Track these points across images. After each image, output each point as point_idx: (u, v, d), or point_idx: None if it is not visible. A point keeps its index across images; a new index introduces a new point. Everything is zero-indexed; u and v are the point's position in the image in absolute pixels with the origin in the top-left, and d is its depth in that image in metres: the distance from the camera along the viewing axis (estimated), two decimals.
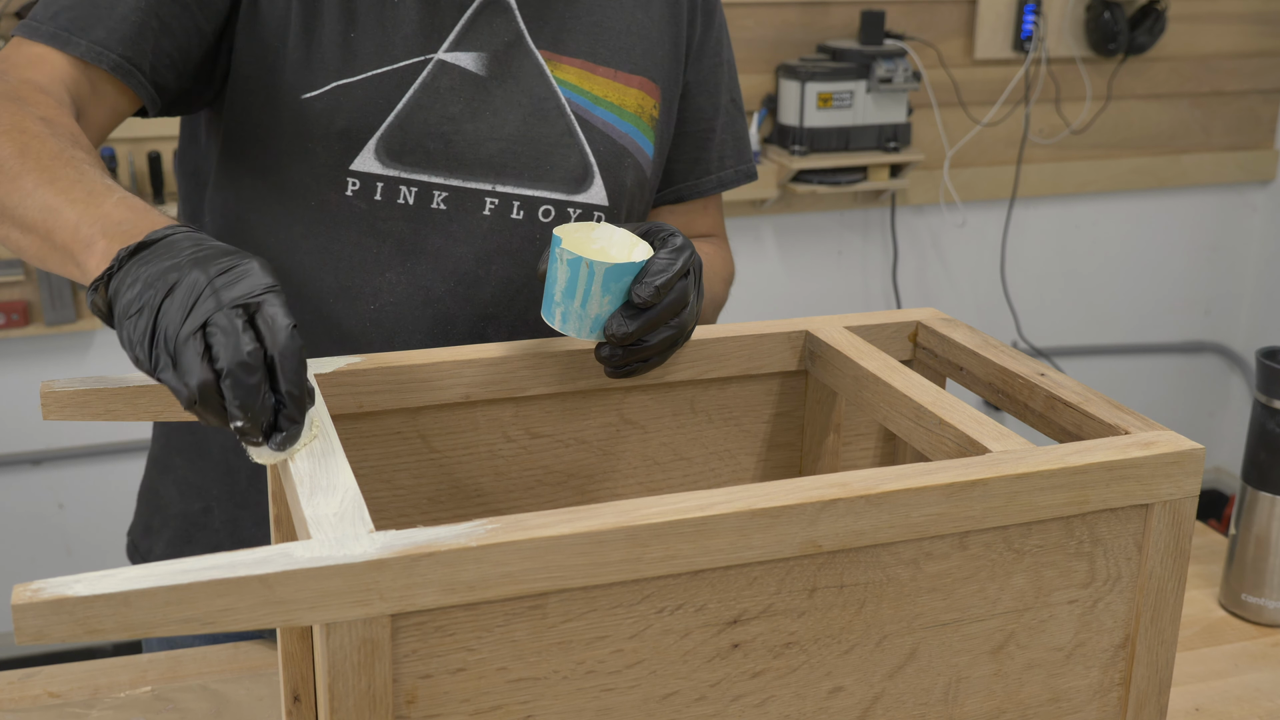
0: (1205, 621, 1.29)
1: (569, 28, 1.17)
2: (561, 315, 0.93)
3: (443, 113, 1.12)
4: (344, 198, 1.12)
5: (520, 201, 1.14)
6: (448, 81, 1.12)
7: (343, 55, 1.10)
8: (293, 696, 0.96)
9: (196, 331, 0.74)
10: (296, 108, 1.10)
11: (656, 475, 1.06)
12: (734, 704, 0.78)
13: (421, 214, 1.12)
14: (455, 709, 0.71)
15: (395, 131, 1.11)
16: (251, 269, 0.77)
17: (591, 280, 0.92)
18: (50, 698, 1.10)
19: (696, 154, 1.30)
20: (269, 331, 0.75)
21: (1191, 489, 0.84)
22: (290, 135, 1.11)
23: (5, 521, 2.73)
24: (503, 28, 1.15)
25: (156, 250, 0.80)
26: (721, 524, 0.73)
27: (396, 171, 1.11)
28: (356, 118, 1.10)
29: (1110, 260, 3.39)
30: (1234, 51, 3.30)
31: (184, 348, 0.74)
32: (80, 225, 0.86)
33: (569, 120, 1.16)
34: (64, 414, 0.90)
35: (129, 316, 0.77)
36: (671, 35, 1.24)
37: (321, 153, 1.11)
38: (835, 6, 2.95)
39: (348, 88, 1.10)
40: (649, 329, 0.95)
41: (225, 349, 0.73)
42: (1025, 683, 0.85)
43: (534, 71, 1.16)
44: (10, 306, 2.53)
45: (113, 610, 0.62)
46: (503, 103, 1.14)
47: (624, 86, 1.20)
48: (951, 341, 1.05)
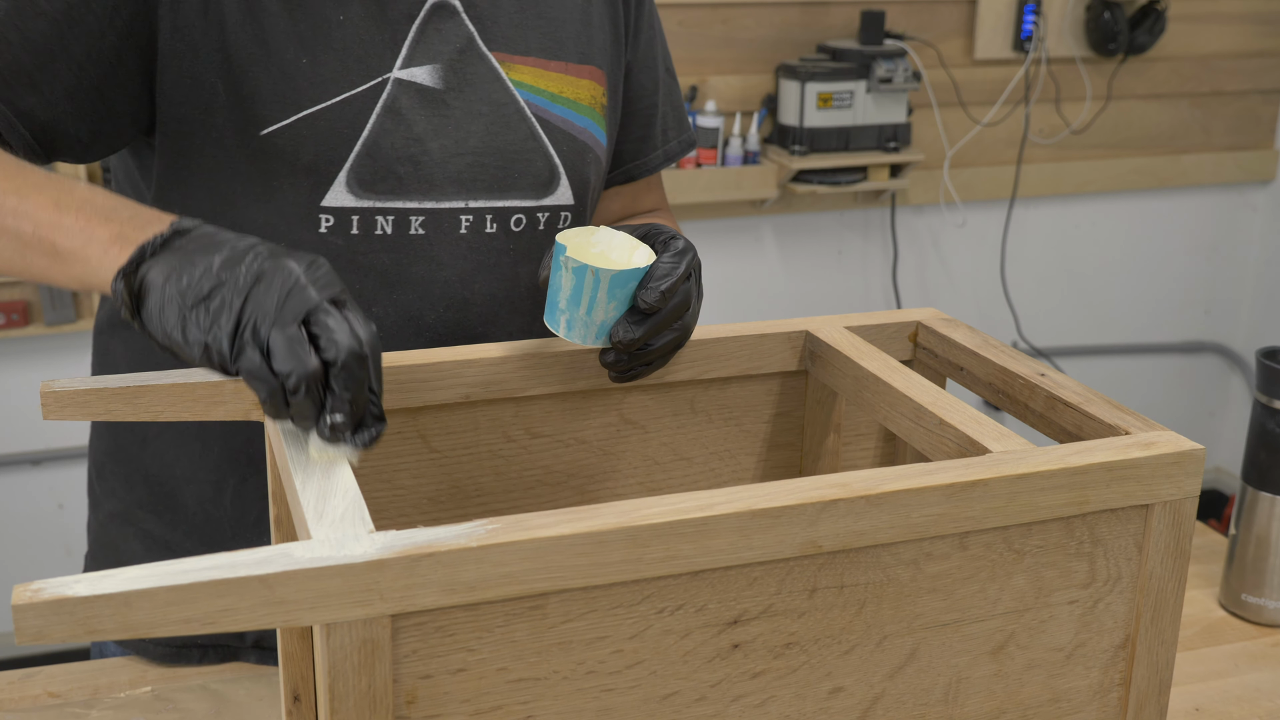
0: (1205, 621, 1.29)
1: (517, 24, 1.14)
2: (566, 323, 0.93)
3: (407, 134, 1.08)
4: (318, 235, 1.07)
5: (493, 214, 1.12)
6: (407, 100, 1.08)
7: (299, 84, 1.04)
8: (293, 696, 0.96)
9: (297, 322, 0.74)
10: (253, 145, 1.04)
11: (657, 475, 1.06)
12: (734, 704, 0.78)
13: (401, 242, 1.09)
14: (455, 709, 0.71)
15: (364, 161, 1.06)
16: (328, 267, 0.77)
17: (597, 287, 0.91)
18: (50, 698, 1.10)
19: (643, 132, 1.28)
20: (361, 329, 0.76)
21: (1192, 489, 0.84)
22: (248, 174, 1.05)
23: (5, 521, 2.73)
24: (452, 33, 1.10)
25: (198, 239, 0.78)
26: (722, 524, 0.73)
27: (371, 202, 1.07)
28: (322, 150, 1.05)
29: (1110, 260, 3.39)
30: (1234, 51, 3.30)
31: (288, 337, 0.74)
32: (55, 214, 0.83)
33: (530, 124, 1.13)
34: (64, 414, 0.90)
35: (198, 303, 0.75)
36: (611, 16, 1.21)
37: (288, 191, 1.06)
38: (835, 6, 2.95)
39: (310, 119, 1.04)
40: (654, 334, 0.95)
41: (336, 340, 0.74)
42: (1025, 683, 0.85)
43: (490, 77, 1.12)
44: (10, 306, 2.53)
45: (113, 610, 0.62)
46: (464, 115, 1.10)
47: (576, 79, 1.17)
48: (952, 342, 1.05)
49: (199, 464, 1.14)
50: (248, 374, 0.75)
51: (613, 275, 0.91)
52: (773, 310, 3.03)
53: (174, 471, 1.15)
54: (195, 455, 1.14)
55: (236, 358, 0.75)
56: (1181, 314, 3.50)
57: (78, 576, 0.63)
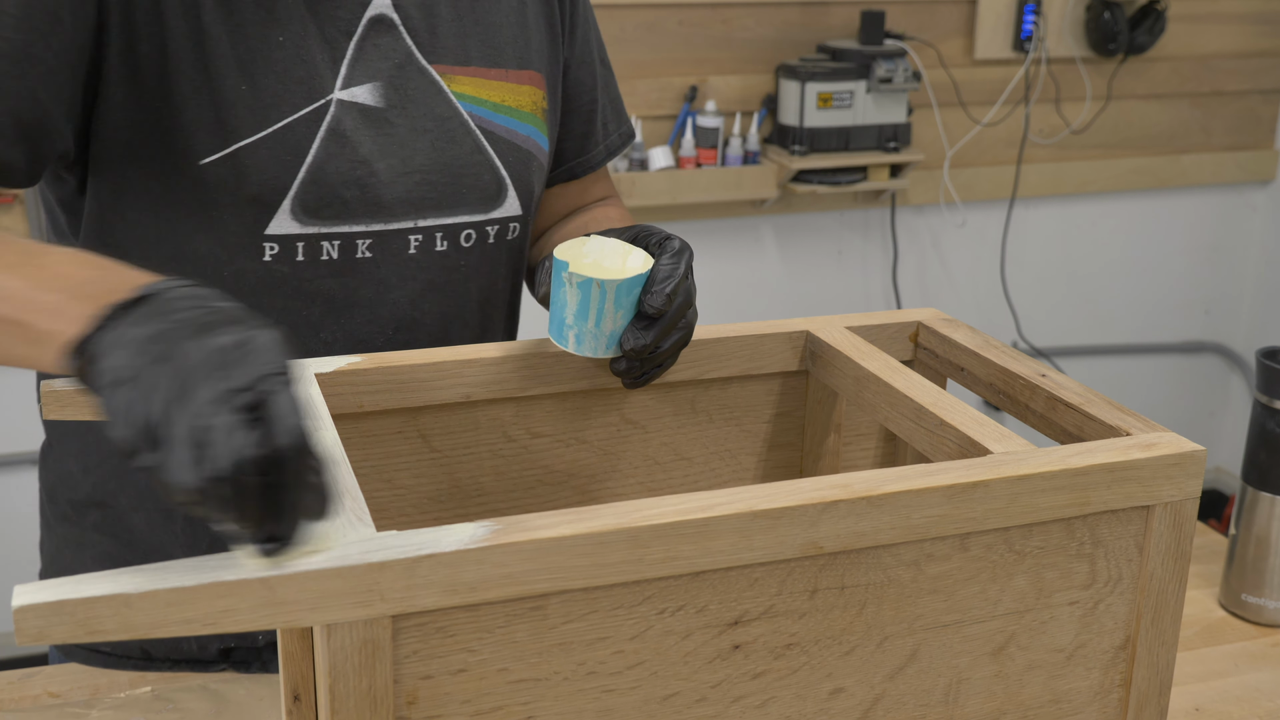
0: (1205, 621, 1.29)
1: (455, 34, 1.11)
2: (575, 337, 0.92)
3: (352, 157, 1.05)
4: (262, 264, 1.04)
5: (442, 232, 1.10)
6: (350, 122, 1.05)
7: (240, 112, 1.01)
8: (293, 696, 0.96)
9: (190, 421, 0.62)
10: (194, 174, 1.01)
11: (657, 475, 1.06)
12: (735, 705, 0.77)
13: (347, 266, 1.06)
14: (456, 710, 0.71)
15: (309, 187, 1.03)
16: (259, 346, 0.65)
17: (604, 298, 0.91)
18: (50, 698, 1.10)
19: (585, 129, 1.27)
20: (273, 428, 0.63)
21: (1193, 491, 0.84)
22: (190, 204, 1.02)
23: (5, 521, 2.73)
24: (390, 48, 1.08)
25: (149, 308, 0.68)
26: (723, 525, 0.73)
27: (316, 228, 1.04)
28: (266, 179, 1.02)
29: (1110, 260, 3.39)
30: (1234, 51, 3.30)
31: (173, 441, 0.62)
32: (32, 293, 0.73)
33: (475, 137, 1.12)
34: (64, 413, 0.90)
35: (109, 386, 0.65)
36: (546, 16, 1.20)
37: (231, 220, 1.03)
38: (835, 6, 2.95)
39: (252, 147, 1.01)
40: (663, 337, 0.94)
41: (220, 449, 0.61)
42: (1026, 684, 0.85)
43: (432, 91, 1.10)
44: None
45: (114, 611, 0.62)
46: (408, 133, 1.08)
47: (517, 86, 1.15)
48: (952, 342, 1.05)
49: (144, 494, 1.12)
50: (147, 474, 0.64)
51: (618, 285, 0.91)
52: (773, 310, 3.03)
53: (119, 500, 1.14)
54: (140, 485, 1.12)
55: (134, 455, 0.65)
56: (1181, 314, 3.50)
57: (78, 577, 0.63)
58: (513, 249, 1.17)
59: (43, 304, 0.72)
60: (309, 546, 0.66)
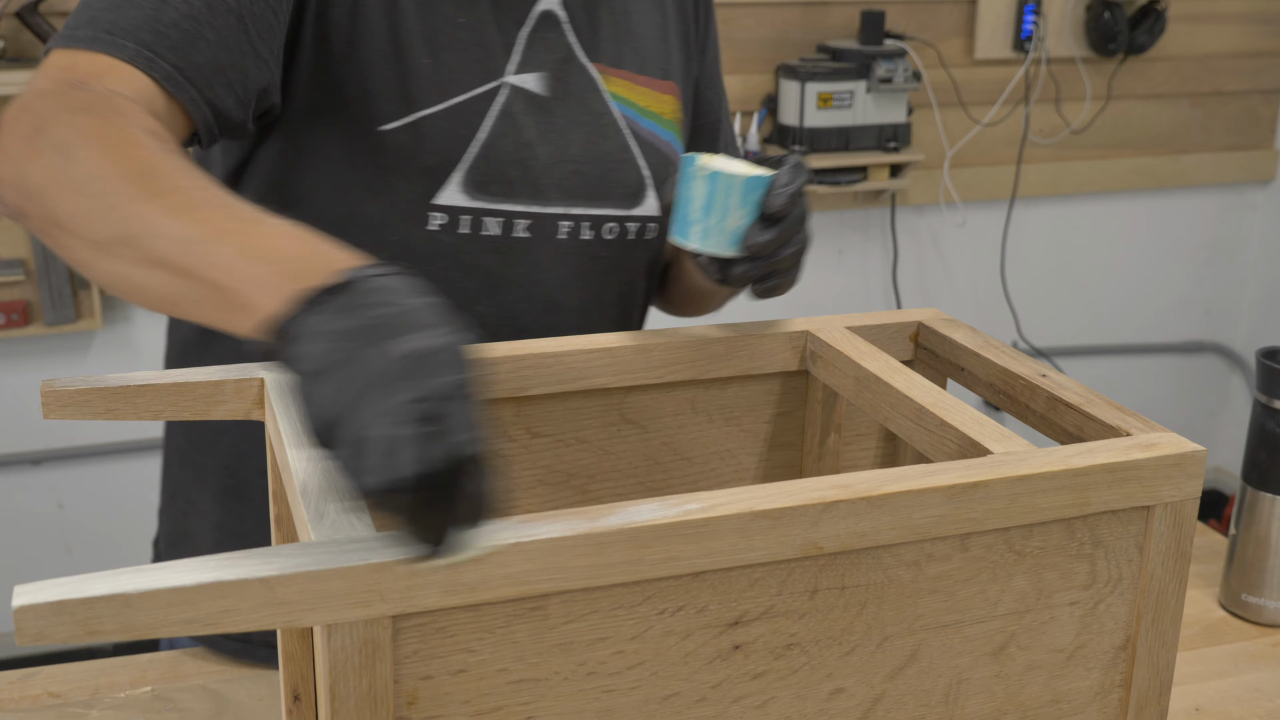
0: (1205, 621, 1.29)
1: (610, 38, 1.17)
2: (701, 232, 0.96)
3: (518, 139, 1.10)
4: (427, 233, 1.08)
5: (589, 221, 1.14)
6: (519, 106, 1.10)
7: (423, 84, 1.06)
8: (293, 696, 0.96)
9: (370, 426, 0.63)
10: (374, 139, 1.05)
11: (657, 475, 1.06)
12: (735, 705, 0.77)
13: (506, 244, 1.11)
14: (456, 710, 0.71)
15: (479, 163, 1.08)
16: (444, 356, 0.65)
17: (730, 193, 0.95)
18: (50, 698, 1.10)
19: (709, 146, 1.32)
20: (449, 440, 0.63)
21: (1193, 491, 0.84)
22: (365, 168, 1.06)
23: (5, 521, 2.73)
24: (555, 43, 1.13)
25: (348, 298, 0.68)
26: (723, 525, 0.73)
27: (481, 203, 1.09)
28: (441, 150, 1.07)
29: (1110, 260, 3.39)
30: (1234, 51, 3.30)
31: (353, 443, 0.63)
32: (230, 263, 0.73)
33: (624, 135, 1.16)
34: (64, 413, 0.90)
35: (301, 375, 0.66)
36: (682, 33, 1.25)
37: (403, 187, 1.07)
38: (835, 6, 2.95)
39: (431, 118, 1.06)
40: (784, 239, 0.98)
41: (397, 458, 0.62)
42: (1026, 684, 0.85)
43: (589, 87, 1.15)
44: (10, 306, 2.53)
45: (114, 611, 0.62)
46: (566, 123, 1.13)
47: (659, 94, 1.20)
48: (952, 342, 1.05)
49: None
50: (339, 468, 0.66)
51: (745, 180, 0.95)
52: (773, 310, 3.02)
53: (249, 462, 1.16)
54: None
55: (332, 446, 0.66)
56: (1181, 314, 3.50)
57: (78, 577, 0.63)
58: (650, 249, 1.21)
59: (251, 275, 0.71)
60: (465, 552, 0.68)
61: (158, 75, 0.93)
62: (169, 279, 0.75)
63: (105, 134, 0.82)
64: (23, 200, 0.83)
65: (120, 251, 0.77)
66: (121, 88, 0.90)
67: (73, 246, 0.81)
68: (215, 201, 0.78)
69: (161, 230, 0.75)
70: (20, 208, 0.84)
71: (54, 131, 0.83)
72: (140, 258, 0.76)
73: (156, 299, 0.78)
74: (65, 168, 0.81)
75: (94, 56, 0.92)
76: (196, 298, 0.74)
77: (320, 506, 0.72)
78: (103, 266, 0.79)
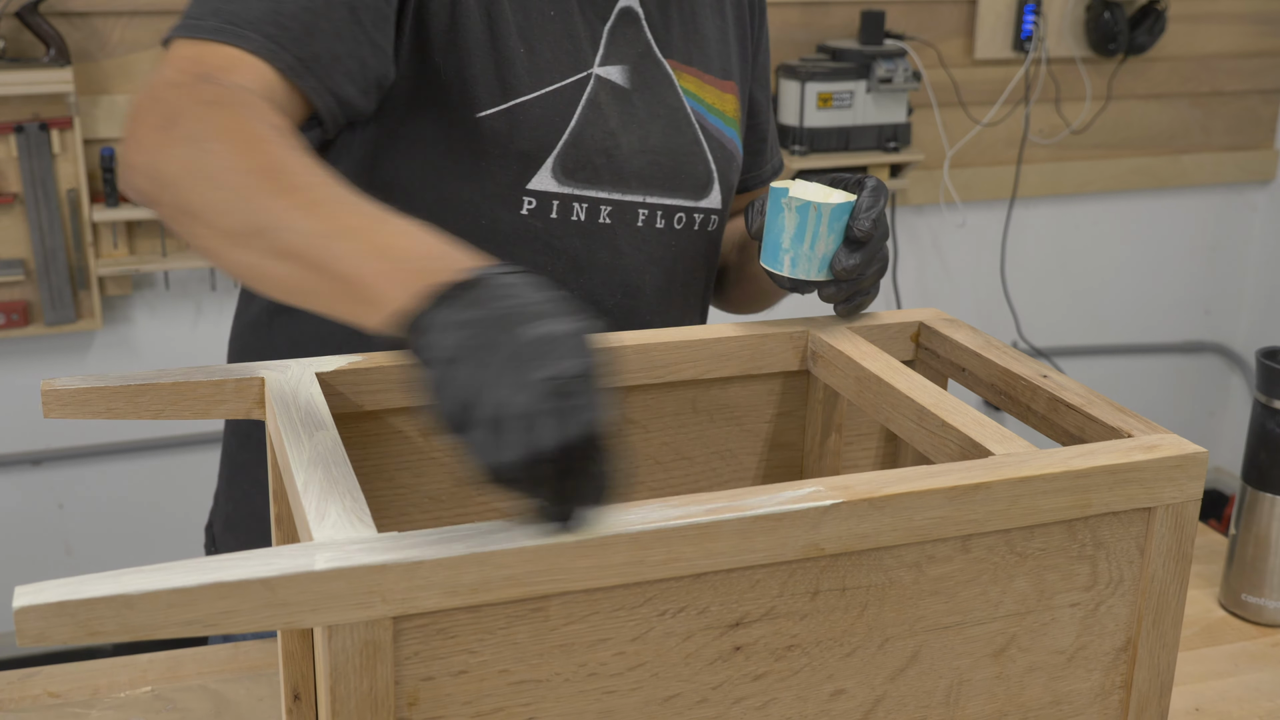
0: (1205, 621, 1.29)
1: (681, 36, 1.21)
2: (791, 260, 1.01)
3: (604, 128, 1.13)
4: (518, 216, 1.11)
5: (663, 211, 1.18)
6: (604, 96, 1.14)
7: (519, 72, 1.09)
8: (293, 696, 0.96)
9: (509, 404, 0.66)
10: (470, 125, 1.08)
11: (658, 475, 1.06)
12: (736, 706, 0.77)
13: (591, 229, 1.14)
14: (457, 711, 0.71)
15: (570, 149, 1.11)
16: (567, 342, 0.68)
17: (819, 221, 1.00)
18: (50, 698, 1.10)
19: (758, 145, 1.36)
20: (581, 417, 0.66)
21: (1194, 492, 0.84)
22: (461, 153, 1.09)
23: (5, 521, 2.73)
24: (634, 38, 1.17)
25: (477, 293, 0.71)
26: (724, 527, 0.73)
27: (570, 189, 1.12)
28: (535, 136, 1.10)
29: (1110, 260, 3.39)
30: (1234, 51, 3.30)
31: (500, 420, 0.65)
32: (358, 259, 0.76)
33: (695, 129, 1.20)
34: (64, 412, 0.90)
35: (433, 363, 0.69)
36: (739, 36, 1.28)
37: (498, 172, 1.10)
38: (835, 6, 2.95)
39: (526, 105, 1.09)
40: (870, 261, 1.02)
41: (535, 433, 0.65)
42: (1027, 685, 0.85)
43: (665, 82, 1.18)
44: (10, 306, 2.53)
45: (114, 612, 0.62)
46: (645, 114, 1.17)
47: (722, 92, 1.24)
48: (953, 342, 1.05)
49: None
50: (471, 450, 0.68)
51: (833, 208, 1.00)
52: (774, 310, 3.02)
53: None
54: None
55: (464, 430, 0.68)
56: (1181, 314, 3.50)
57: (79, 578, 0.63)
58: (711, 241, 1.25)
59: (379, 270, 0.75)
60: (591, 530, 0.70)
61: (282, 66, 0.96)
62: (298, 271, 0.78)
63: (236, 129, 0.86)
64: (155, 188, 0.87)
65: (251, 242, 0.81)
66: (247, 80, 0.94)
67: (203, 235, 0.84)
68: (342, 198, 0.81)
69: (291, 224, 0.79)
70: (152, 195, 0.88)
71: (186, 124, 0.87)
72: (270, 249, 0.79)
73: (285, 289, 0.81)
74: (198, 159, 0.85)
75: (219, 48, 0.95)
76: (324, 290, 0.78)
77: (321, 506, 0.72)
78: (232, 256, 0.83)
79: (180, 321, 2.70)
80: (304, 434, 0.81)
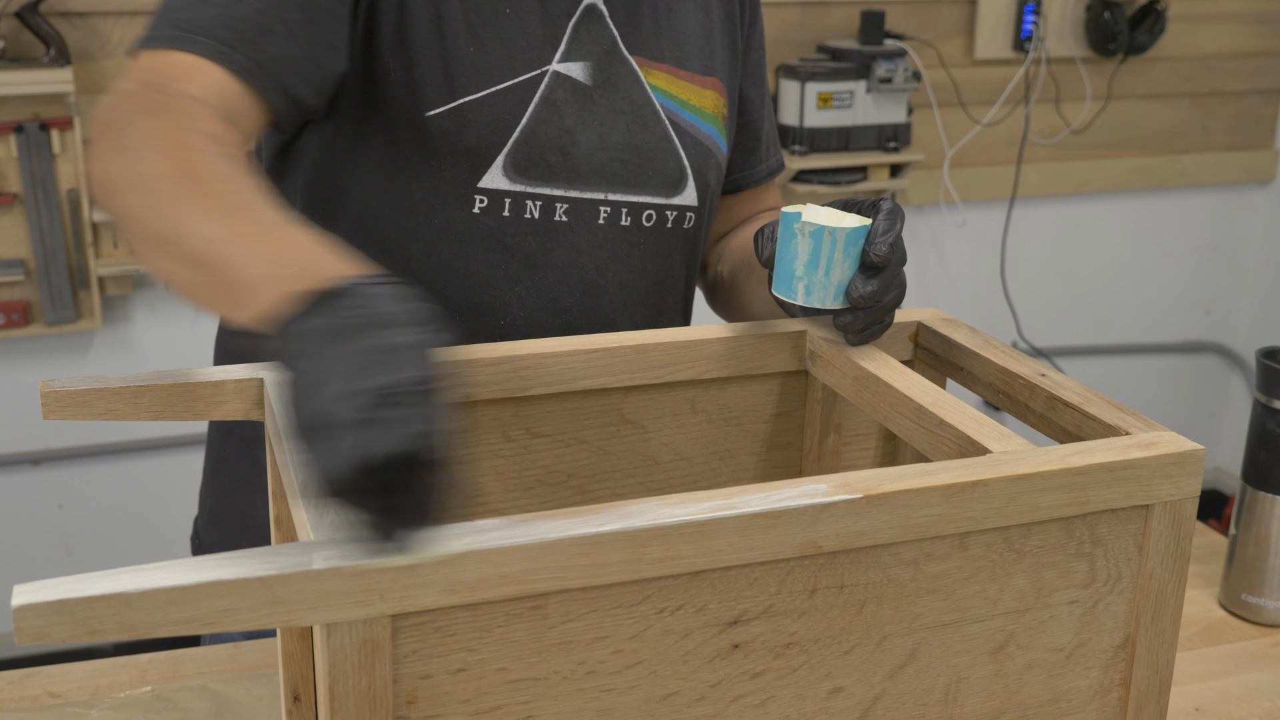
0: (1205, 621, 1.29)
1: (652, 33, 1.20)
2: (805, 288, 0.97)
3: (560, 125, 1.13)
4: (470, 215, 1.12)
5: (628, 208, 1.17)
6: (562, 93, 1.14)
7: (467, 71, 1.09)
8: (293, 696, 0.96)
9: (336, 412, 0.65)
10: (420, 124, 1.09)
11: (657, 475, 1.06)
12: (734, 704, 0.78)
13: (546, 227, 1.14)
14: (455, 709, 0.71)
15: (521, 147, 1.11)
16: (407, 352, 0.67)
17: (834, 247, 0.96)
18: (50, 698, 1.10)
19: (750, 144, 1.35)
20: (405, 428, 0.64)
21: (1192, 490, 0.84)
22: (412, 153, 1.10)
23: (5, 521, 2.73)
24: (599, 35, 1.17)
25: (332, 303, 0.70)
26: (722, 525, 0.73)
27: (523, 186, 1.12)
28: (484, 135, 1.10)
29: (1110, 260, 3.39)
30: (1234, 51, 3.30)
31: (331, 429, 0.65)
32: (246, 263, 0.77)
33: (664, 125, 1.20)
34: (64, 413, 0.90)
35: (292, 370, 0.69)
36: (729, 33, 1.28)
37: (447, 170, 1.10)
38: (835, 6, 2.95)
39: (475, 104, 1.10)
40: (888, 288, 0.98)
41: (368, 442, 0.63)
42: (1025, 683, 0.85)
43: (631, 79, 1.18)
44: (10, 306, 2.53)
45: (113, 610, 0.62)
46: (608, 111, 1.16)
47: (701, 89, 1.24)
48: (952, 342, 1.05)
49: None
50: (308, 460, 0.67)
51: (848, 233, 0.96)
52: None
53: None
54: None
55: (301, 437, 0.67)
56: (1181, 314, 3.50)
57: (78, 576, 0.63)
58: (687, 239, 1.24)
59: (261, 275, 0.75)
60: (420, 551, 0.67)
61: (234, 68, 0.98)
62: (194, 274, 0.81)
63: (168, 136, 0.88)
64: (102, 195, 0.90)
65: (161, 248, 0.83)
66: (197, 87, 0.95)
67: (132, 240, 0.86)
68: (250, 206, 0.83)
69: (196, 230, 0.81)
70: (100, 202, 0.90)
71: (127, 133, 0.90)
72: (177, 254, 0.82)
73: (187, 292, 0.83)
74: (131, 166, 0.87)
75: (175, 55, 0.97)
76: (212, 293, 0.80)
77: (320, 506, 0.72)
78: (151, 260, 0.85)
79: (180, 321, 2.70)
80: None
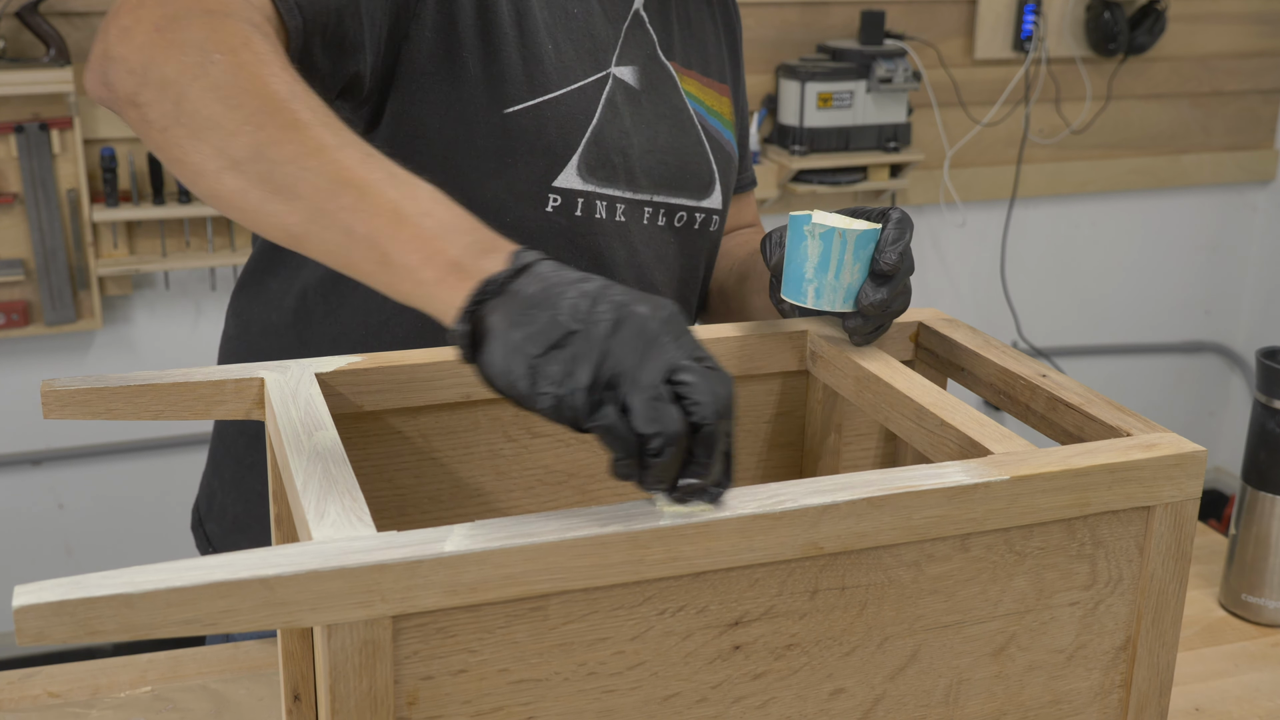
0: (1205, 621, 1.29)
1: (680, 40, 1.22)
2: (815, 291, 0.98)
3: (620, 127, 1.14)
4: (543, 213, 1.11)
5: (665, 209, 1.19)
6: (620, 96, 1.15)
7: (546, 69, 1.09)
8: (293, 696, 0.96)
9: (661, 380, 0.67)
10: (498, 121, 1.08)
11: None
12: (735, 705, 0.77)
13: (611, 227, 1.15)
14: (456, 710, 0.71)
15: (592, 147, 1.12)
16: (677, 311, 0.71)
17: (844, 250, 0.97)
18: (50, 698, 1.10)
19: (740, 152, 1.35)
20: (722, 387, 0.69)
21: (1193, 491, 0.84)
22: (487, 150, 1.09)
23: (5, 521, 2.73)
24: (643, 40, 1.18)
25: (540, 278, 0.71)
26: (723, 526, 0.73)
27: (593, 187, 1.13)
28: (561, 134, 1.10)
29: (1110, 260, 3.39)
30: (1234, 51, 3.30)
31: (652, 396, 0.67)
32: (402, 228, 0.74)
33: (698, 130, 1.22)
34: (64, 413, 0.90)
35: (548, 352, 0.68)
36: (729, 43, 1.31)
37: (523, 169, 1.10)
38: (835, 6, 2.95)
39: (553, 102, 1.10)
40: (896, 296, 0.98)
41: (702, 402, 0.67)
42: (1026, 684, 0.85)
43: (670, 84, 1.20)
44: (10, 306, 2.53)
45: (114, 611, 0.62)
46: (653, 115, 1.18)
47: (720, 95, 1.26)
48: (953, 342, 1.05)
49: None
50: (605, 432, 0.68)
51: (858, 235, 0.96)
52: None
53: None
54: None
55: (592, 413, 0.68)
56: (1181, 314, 3.50)
57: (78, 577, 0.63)
58: (710, 240, 1.26)
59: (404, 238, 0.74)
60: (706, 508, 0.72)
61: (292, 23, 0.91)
62: (301, 214, 0.76)
63: (241, 44, 0.81)
64: (142, 89, 0.81)
65: (250, 169, 0.77)
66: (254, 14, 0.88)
67: (197, 151, 0.79)
68: (351, 143, 0.78)
69: (297, 160, 0.76)
70: (133, 95, 0.82)
71: (190, 29, 0.82)
72: (277, 186, 0.76)
73: (281, 230, 0.77)
74: (203, 68, 0.79)
75: None
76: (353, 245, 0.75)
77: (320, 506, 0.72)
78: (226, 180, 0.78)
79: (180, 321, 2.70)
80: (303, 434, 0.81)
